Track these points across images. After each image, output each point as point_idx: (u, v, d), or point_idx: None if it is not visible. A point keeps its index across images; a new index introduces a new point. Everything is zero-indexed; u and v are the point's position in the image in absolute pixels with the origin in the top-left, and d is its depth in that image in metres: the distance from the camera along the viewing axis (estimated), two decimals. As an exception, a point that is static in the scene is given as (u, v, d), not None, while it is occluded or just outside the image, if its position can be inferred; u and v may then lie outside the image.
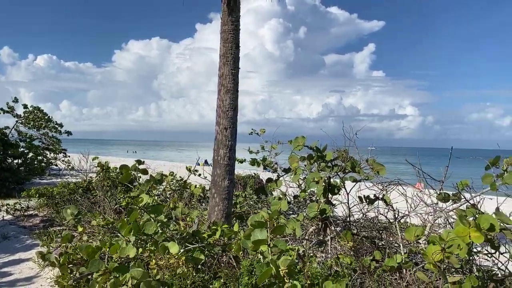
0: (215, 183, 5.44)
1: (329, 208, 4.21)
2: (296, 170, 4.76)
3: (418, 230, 3.29)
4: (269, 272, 2.66)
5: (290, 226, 4.17)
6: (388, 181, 4.87)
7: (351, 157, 5.30)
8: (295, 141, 4.44)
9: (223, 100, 5.44)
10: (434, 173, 5.16)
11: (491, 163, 4.48)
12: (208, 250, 3.76)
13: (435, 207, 4.57)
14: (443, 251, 2.80)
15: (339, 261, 3.75)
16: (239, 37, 5.58)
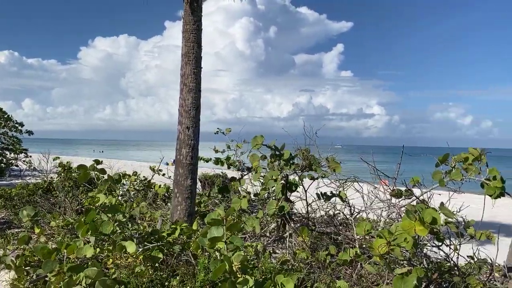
0: (178, 183, 5.46)
1: (287, 205, 4.33)
2: (257, 169, 4.85)
3: (368, 225, 3.45)
4: (222, 268, 2.74)
5: (249, 224, 4.27)
6: (345, 178, 5.04)
7: (311, 155, 5.46)
8: (254, 140, 4.53)
9: (185, 100, 5.47)
10: (393, 171, 5.38)
11: (440, 160, 4.73)
12: (167, 249, 3.79)
13: (388, 203, 4.78)
14: (389, 244, 2.96)
15: (295, 256, 3.87)
16: (201, 36, 5.62)
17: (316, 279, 3.54)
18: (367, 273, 3.76)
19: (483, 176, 4.46)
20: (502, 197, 4.36)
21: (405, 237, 3.20)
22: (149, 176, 8.36)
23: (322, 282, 3.50)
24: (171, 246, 3.90)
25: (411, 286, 2.66)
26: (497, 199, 4.66)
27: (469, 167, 4.57)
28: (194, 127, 5.44)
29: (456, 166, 4.62)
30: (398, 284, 2.67)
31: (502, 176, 4.45)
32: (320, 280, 3.52)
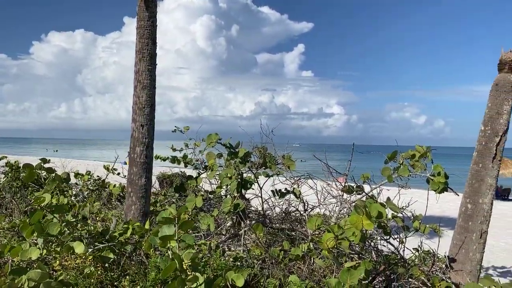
0: (132, 182, 5.36)
1: (242, 203, 4.36)
2: (213, 167, 4.85)
3: (318, 220, 3.54)
4: (173, 266, 2.72)
5: (204, 222, 4.27)
6: (299, 175, 5.15)
7: (268, 153, 5.53)
8: (208, 138, 4.54)
9: (139, 97, 5.37)
10: (354, 168, 5.55)
11: (389, 157, 4.93)
12: (119, 249, 3.72)
13: (340, 198, 4.93)
14: (336, 238, 3.05)
15: (249, 253, 3.91)
16: (156, 33, 5.55)
17: (269, 275, 3.59)
18: (319, 267, 3.86)
19: (428, 172, 4.70)
20: (445, 192, 4.61)
21: (353, 231, 3.32)
22: (104, 175, 8.15)
23: (274, 278, 3.56)
24: (123, 246, 3.83)
25: (356, 278, 2.77)
26: (450, 196, 4.95)
27: (415, 164, 4.80)
28: (148, 125, 5.36)
29: (403, 163, 4.85)
30: (344, 276, 2.77)
31: (445, 172, 4.71)
32: (272, 276, 3.58)
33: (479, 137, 4.80)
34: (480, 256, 4.62)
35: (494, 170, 4.68)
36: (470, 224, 4.64)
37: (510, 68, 4.76)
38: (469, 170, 4.82)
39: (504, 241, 10.86)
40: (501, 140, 4.68)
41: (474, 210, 4.63)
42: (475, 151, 4.82)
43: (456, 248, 4.66)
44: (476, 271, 4.56)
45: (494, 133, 4.68)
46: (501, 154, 4.76)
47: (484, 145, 4.72)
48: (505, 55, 4.77)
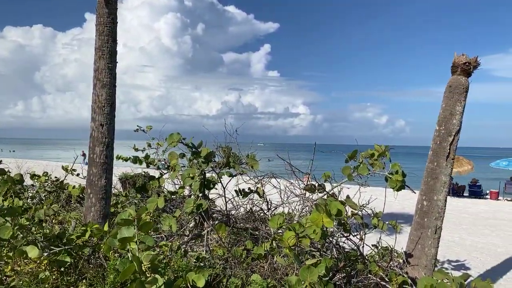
0: (91, 183, 5.21)
1: (205, 203, 4.33)
2: (175, 167, 4.79)
3: (280, 219, 3.57)
4: (132, 268, 2.66)
5: (166, 223, 4.21)
6: (263, 175, 5.17)
7: (233, 153, 5.52)
8: (170, 138, 4.47)
9: (98, 95, 5.23)
10: (313, 167, 5.63)
11: (349, 156, 5.05)
12: (76, 252, 3.60)
13: (303, 197, 4.99)
14: (297, 236, 3.09)
15: (212, 253, 3.89)
16: (116, 30, 5.41)
17: (232, 274, 3.59)
18: (281, 266, 3.90)
19: (387, 171, 4.84)
20: (403, 189, 4.77)
21: (314, 229, 3.38)
22: (63, 176, 7.87)
23: (237, 277, 3.56)
24: (81, 249, 3.71)
25: (316, 276, 2.81)
26: (410, 193, 5.11)
27: (374, 163, 4.94)
28: (108, 124, 5.23)
29: (363, 161, 4.97)
30: (304, 274, 2.81)
31: (403, 170, 4.88)
32: (235, 275, 3.58)
33: (434, 137, 5.00)
34: (435, 251, 4.82)
35: (448, 168, 4.90)
36: (425, 220, 4.83)
37: (462, 71, 4.99)
38: (425, 168, 5.01)
39: (458, 236, 11.38)
40: (454, 140, 4.90)
41: (429, 206, 4.83)
42: (430, 150, 5.02)
43: (413, 243, 4.84)
44: (431, 265, 4.76)
45: (448, 132, 4.89)
46: (455, 153, 4.98)
47: (439, 144, 4.93)
48: (458, 58, 5.00)
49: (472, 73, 5.04)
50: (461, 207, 18.41)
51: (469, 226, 13.17)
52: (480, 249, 9.78)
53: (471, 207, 18.66)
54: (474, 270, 7.70)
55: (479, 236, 11.55)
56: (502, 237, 11.40)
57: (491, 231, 12.43)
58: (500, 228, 12.91)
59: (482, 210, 17.59)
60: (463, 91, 4.95)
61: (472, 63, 4.98)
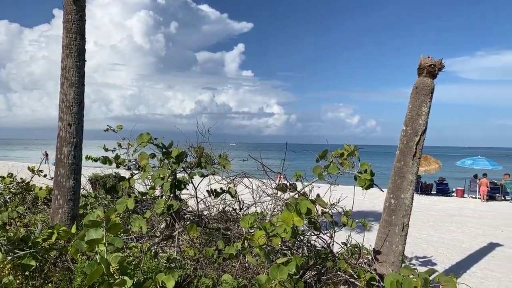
0: (59, 184, 5.08)
1: (176, 203, 4.30)
2: (145, 168, 4.73)
3: (251, 219, 3.59)
4: (99, 271, 2.62)
5: (136, 224, 4.15)
6: (235, 175, 5.18)
7: (205, 153, 5.50)
8: (139, 138, 4.42)
9: (66, 94, 5.10)
10: (285, 166, 5.69)
11: (320, 156, 5.13)
12: (42, 255, 3.50)
13: (275, 197, 5.04)
14: (267, 236, 3.12)
15: (183, 254, 3.87)
16: (84, 27, 5.29)
17: (203, 275, 3.58)
18: (253, 265, 3.92)
19: (356, 170, 4.95)
20: (371, 188, 4.89)
21: (284, 228, 3.42)
22: (29, 177, 7.62)
23: (208, 277, 3.55)
24: (47, 252, 3.61)
25: (286, 274, 2.85)
26: (380, 192, 5.23)
27: (344, 162, 5.04)
28: (76, 124, 5.10)
29: (333, 161, 5.06)
30: (274, 272, 2.84)
31: (372, 169, 4.99)
32: (206, 276, 3.57)
33: (401, 137, 5.14)
34: (402, 248, 4.96)
35: (414, 167, 5.05)
36: (393, 218, 4.97)
37: (428, 73, 5.16)
38: (393, 167, 5.15)
39: (425, 232, 11.73)
40: (420, 139, 5.06)
41: (396, 205, 4.96)
42: (397, 150, 5.16)
43: (381, 241, 4.97)
44: (399, 262, 4.90)
45: (414, 132, 5.04)
46: (421, 152, 5.14)
47: (406, 144, 5.07)
48: (423, 60, 5.16)
49: (437, 75, 5.21)
50: (429, 204, 18.97)
51: (436, 223, 13.59)
52: (446, 245, 10.12)
53: (438, 204, 19.26)
54: (440, 266, 7.96)
55: (445, 232, 11.94)
56: (467, 233, 11.83)
57: (456, 227, 12.88)
58: (465, 225, 13.39)
59: (448, 208, 18.19)
60: (429, 92, 5.11)
61: (437, 65, 5.15)
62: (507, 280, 7.14)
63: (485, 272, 7.64)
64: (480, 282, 6.92)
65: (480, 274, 7.48)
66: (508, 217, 15.77)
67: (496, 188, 22.11)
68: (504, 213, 16.92)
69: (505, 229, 12.88)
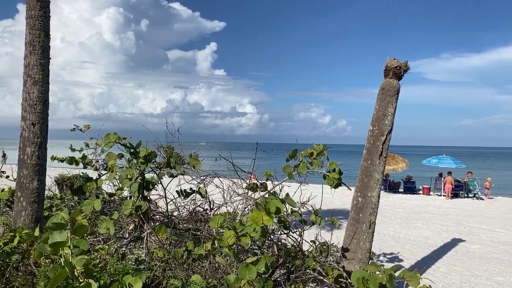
0: (22, 185, 4.91)
1: (144, 204, 4.24)
2: (113, 168, 4.65)
3: (221, 219, 3.59)
4: (63, 274, 2.56)
5: (103, 226, 4.07)
6: (205, 175, 5.16)
7: (175, 153, 5.45)
8: (106, 138, 4.33)
9: (29, 93, 4.94)
10: (256, 166, 5.70)
11: (290, 156, 5.18)
12: (3, 259, 3.38)
13: (245, 196, 5.05)
14: (237, 235, 3.13)
15: (152, 255, 3.83)
16: (49, 24, 5.13)
17: (172, 276, 3.55)
18: (223, 265, 3.92)
19: (325, 169, 5.03)
20: (340, 187, 4.98)
21: (254, 227, 3.44)
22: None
23: (177, 278, 3.53)
24: (9, 256, 3.49)
25: (254, 273, 2.87)
26: (350, 191, 5.33)
27: (313, 161, 5.11)
28: (41, 123, 4.95)
29: (303, 160, 5.12)
30: (243, 272, 2.85)
31: (340, 168, 5.09)
32: (175, 277, 3.54)
33: (368, 136, 5.27)
34: (369, 245, 5.08)
35: (381, 166, 5.18)
36: (360, 216, 5.08)
37: (394, 74, 5.30)
38: (360, 166, 5.26)
39: (393, 229, 12.05)
40: (387, 139, 5.19)
41: (364, 203, 5.08)
42: (364, 149, 5.28)
43: (349, 238, 5.07)
44: (366, 259, 5.01)
45: (381, 132, 5.17)
46: (387, 151, 5.28)
47: (372, 144, 5.20)
48: (390, 62, 5.29)
49: (402, 76, 5.37)
50: (396, 202, 19.48)
51: (403, 220, 13.98)
52: (413, 241, 10.43)
53: (405, 202, 19.81)
54: (407, 262, 8.20)
55: (412, 229, 12.30)
56: (432, 230, 12.23)
57: (422, 224, 13.29)
58: (431, 222, 13.84)
59: (415, 205, 18.75)
60: (395, 93, 5.25)
61: (402, 67, 5.30)
62: (469, 274, 7.44)
63: (448, 267, 7.92)
64: (443, 277, 7.17)
65: (443, 269, 7.76)
66: (471, 214, 16.42)
67: (460, 186, 22.97)
68: (467, 210, 17.60)
69: (467, 225, 13.41)
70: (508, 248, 10.06)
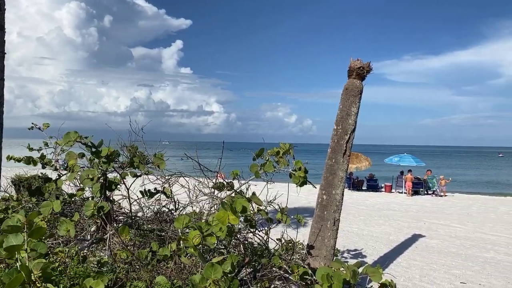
0: (-26, 187, 4.66)
1: (107, 205, 4.13)
2: (74, 168, 4.49)
3: (186, 219, 3.54)
4: (19, 279, 2.44)
5: (63, 228, 3.92)
6: (170, 174, 5.09)
7: (139, 152, 5.32)
8: (66, 136, 4.18)
9: (-17, 90, 4.70)
10: (224, 165, 5.66)
11: (256, 154, 5.18)
12: (-48, 266, 3.19)
13: (211, 195, 5.01)
14: (202, 235, 3.10)
15: (115, 257, 3.73)
16: (4, 17, 4.90)
17: (136, 278, 3.47)
18: (188, 266, 3.88)
19: (291, 167, 5.07)
20: (305, 185, 5.04)
21: (220, 227, 3.41)
22: None
23: (141, 280, 3.45)
24: (-42, 263, 3.30)
25: (220, 273, 2.85)
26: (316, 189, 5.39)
27: (280, 160, 5.14)
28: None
29: (269, 159, 5.14)
30: (208, 272, 2.82)
31: (305, 167, 5.15)
32: (139, 278, 3.47)
33: (332, 136, 5.36)
34: (333, 242, 5.18)
35: (345, 165, 5.29)
36: (325, 213, 5.16)
37: (357, 75, 5.42)
38: (325, 164, 5.35)
39: (356, 226, 12.35)
40: (350, 138, 5.31)
41: (328, 200, 5.17)
42: (329, 148, 5.37)
43: (314, 235, 5.15)
44: (331, 256, 5.10)
45: (344, 131, 5.28)
46: (350, 150, 5.39)
47: (337, 143, 5.30)
48: (353, 63, 5.41)
49: (365, 77, 5.50)
50: (360, 200, 19.99)
51: (366, 217, 14.36)
52: (375, 237, 10.73)
53: (368, 199, 20.36)
54: (370, 258, 8.43)
55: (375, 226, 12.66)
56: (393, 226, 12.63)
57: (384, 221, 13.70)
58: (392, 218, 14.29)
59: (377, 202, 19.30)
60: (358, 93, 5.38)
61: (365, 68, 5.43)
62: (428, 269, 7.74)
63: (409, 261, 8.21)
64: (404, 271, 7.42)
65: (404, 264, 8.03)
66: (430, 210, 17.09)
67: (420, 183, 23.86)
68: (426, 207, 18.31)
69: (427, 221, 13.95)
70: (464, 242, 10.55)
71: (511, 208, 18.31)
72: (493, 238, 11.27)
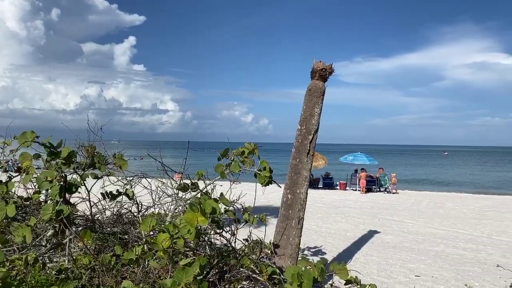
0: None
1: (66, 208, 3.93)
2: (29, 169, 4.23)
3: (153, 221, 3.46)
4: (-24, 290, 2.27)
5: (19, 233, 3.70)
6: (132, 175, 4.94)
7: (97, 152, 5.11)
8: (22, 136, 3.94)
9: None
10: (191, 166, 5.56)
11: (221, 154, 5.14)
12: None
13: (176, 197, 4.92)
14: (171, 238, 3.03)
15: (76, 263, 3.56)
16: None
17: (100, 284, 3.34)
18: (154, 269, 3.78)
19: (256, 167, 5.08)
20: (271, 184, 5.07)
21: (188, 229, 3.36)
22: None
23: (106, 286, 3.33)
24: None
25: (191, 276, 2.80)
26: (274, 187, 5.42)
27: (245, 160, 5.13)
28: None
29: (234, 159, 5.13)
30: (179, 275, 2.77)
31: (270, 166, 5.18)
32: (104, 284, 3.34)
33: (296, 136, 5.43)
34: (298, 240, 5.25)
35: (309, 164, 5.38)
36: (290, 212, 5.22)
37: (320, 76, 5.52)
38: (289, 164, 5.41)
39: (315, 224, 12.61)
40: (314, 138, 5.40)
41: (293, 199, 5.23)
42: (293, 148, 5.44)
43: (279, 234, 5.19)
44: (296, 254, 5.17)
45: (308, 131, 5.36)
46: (314, 150, 5.49)
47: (301, 142, 5.37)
48: (316, 64, 5.51)
49: (327, 78, 5.62)
50: (316, 197, 20.40)
51: (323, 215, 14.69)
52: (333, 234, 11.00)
53: (324, 197, 20.84)
54: (329, 254, 8.62)
55: (332, 223, 12.98)
56: (350, 223, 13.01)
57: (341, 218, 14.08)
58: (349, 215, 14.72)
59: (334, 200, 19.81)
60: (321, 94, 5.48)
61: (328, 69, 5.55)
62: (385, 264, 8.04)
63: (366, 257, 8.48)
64: (363, 267, 7.66)
65: (362, 259, 8.29)
66: (383, 207, 17.76)
67: (373, 181, 24.74)
68: (380, 203, 19.01)
69: (381, 217, 14.48)
70: (416, 237, 11.05)
71: (456, 203, 19.43)
72: (442, 232, 11.90)
